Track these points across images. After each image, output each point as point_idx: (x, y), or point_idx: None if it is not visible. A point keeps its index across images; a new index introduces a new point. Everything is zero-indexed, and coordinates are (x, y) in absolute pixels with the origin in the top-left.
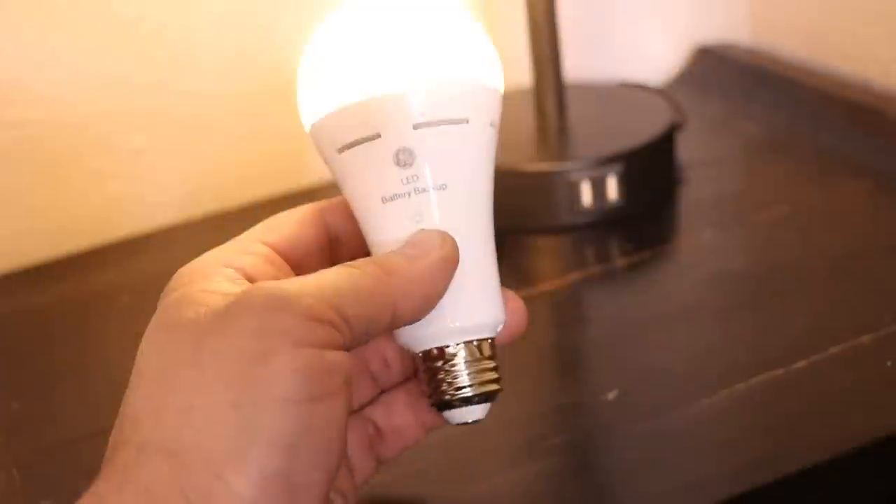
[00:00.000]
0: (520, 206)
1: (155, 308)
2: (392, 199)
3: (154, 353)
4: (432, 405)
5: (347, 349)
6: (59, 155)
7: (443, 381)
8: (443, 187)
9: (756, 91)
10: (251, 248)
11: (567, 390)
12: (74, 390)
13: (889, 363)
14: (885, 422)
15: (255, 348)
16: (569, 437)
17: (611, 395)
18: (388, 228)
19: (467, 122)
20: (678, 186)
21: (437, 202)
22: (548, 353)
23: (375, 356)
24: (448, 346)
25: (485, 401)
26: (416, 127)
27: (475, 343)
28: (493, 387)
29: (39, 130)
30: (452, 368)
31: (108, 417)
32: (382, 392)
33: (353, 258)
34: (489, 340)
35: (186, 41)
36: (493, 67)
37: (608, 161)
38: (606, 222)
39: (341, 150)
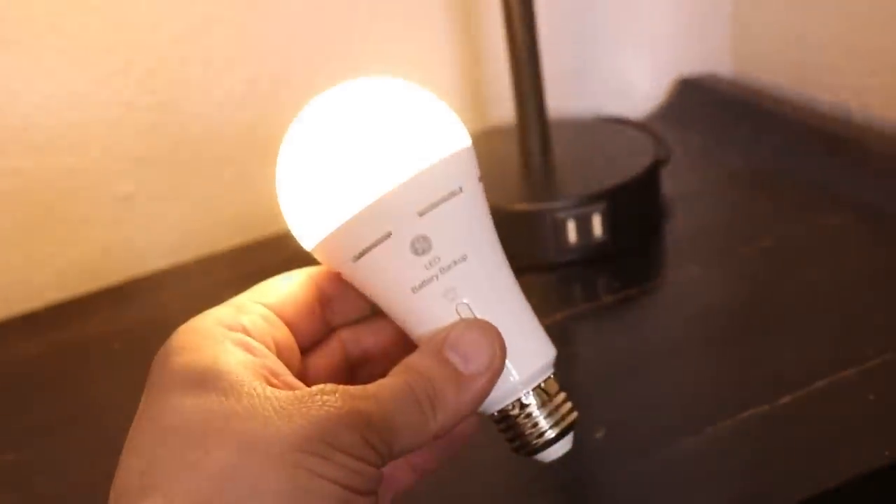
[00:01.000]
0: (505, 244)
1: (146, 354)
2: (421, 286)
3: (184, 413)
4: (522, 455)
5: (383, 465)
6: (48, 203)
7: (524, 432)
8: (464, 258)
9: (737, 123)
10: (248, 307)
11: None
12: (68, 440)
13: (872, 397)
14: (870, 456)
15: (318, 444)
16: (558, 478)
17: (599, 434)
18: (426, 315)
19: (461, 189)
20: (663, 221)
21: (464, 273)
22: None
23: None
24: (517, 400)
25: (568, 433)
26: (421, 214)
27: (540, 386)
28: (571, 418)
29: (29, 179)
30: (529, 418)
31: (102, 467)
32: None
33: (345, 321)
34: (551, 377)
35: (174, 87)
36: (460, 127)
37: (593, 199)
38: (592, 259)
39: (356, 258)
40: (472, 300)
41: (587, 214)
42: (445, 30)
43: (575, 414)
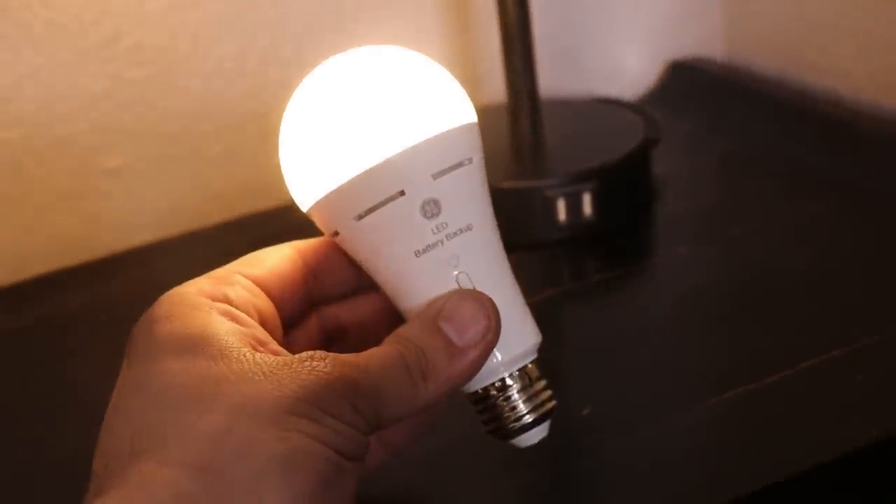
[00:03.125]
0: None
1: (133, 327)
2: (425, 250)
3: (173, 377)
4: (497, 438)
5: (370, 434)
6: (35, 175)
7: (501, 414)
8: (469, 228)
9: (729, 106)
10: (231, 279)
11: None
12: (54, 412)
13: (860, 377)
14: (857, 436)
15: (307, 407)
16: (545, 452)
17: (586, 411)
18: (425, 281)
19: (471, 161)
20: (653, 202)
21: (468, 242)
22: None
23: None
24: (498, 381)
25: (545, 420)
26: (435, 176)
27: (523, 369)
28: (550, 405)
29: (15, 151)
30: (508, 401)
31: (87, 440)
32: None
33: (330, 298)
34: (534, 363)
35: (163, 60)
36: (470, 103)
37: (583, 177)
38: (581, 238)
39: (361, 216)
40: (472, 271)
41: (577, 193)
42: (436, 6)
43: (554, 402)
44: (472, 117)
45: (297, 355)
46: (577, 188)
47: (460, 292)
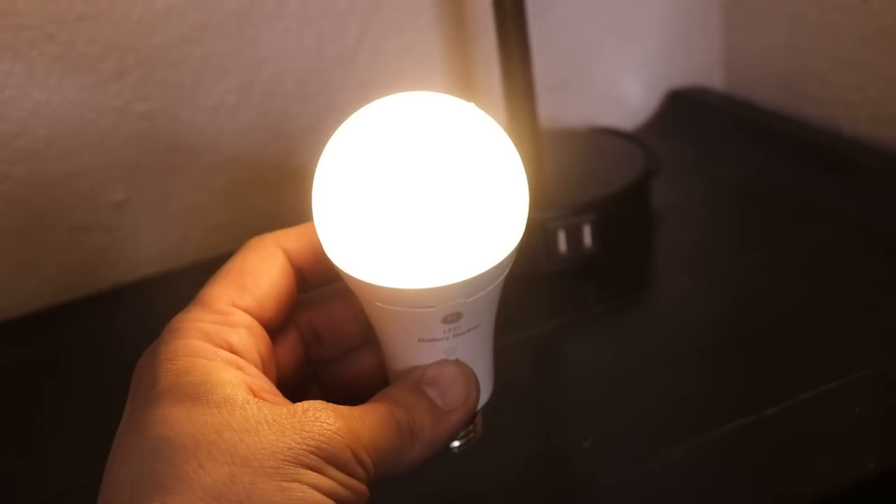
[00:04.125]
0: None
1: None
2: (431, 340)
3: (177, 424)
4: None
5: (369, 485)
6: (39, 209)
7: None
8: (477, 326)
9: (728, 135)
10: (233, 319)
11: (544, 438)
12: (58, 445)
13: (857, 409)
14: (855, 468)
15: (311, 458)
16: (547, 485)
17: (587, 444)
18: (419, 359)
19: (501, 277)
20: (653, 231)
21: (471, 338)
22: (525, 400)
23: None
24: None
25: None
26: (467, 296)
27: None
28: (471, 436)
29: (21, 185)
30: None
31: (91, 472)
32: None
33: (318, 286)
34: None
35: (166, 96)
36: (522, 222)
37: (583, 209)
38: (582, 269)
39: (386, 305)
40: (465, 357)
41: (578, 224)
42: (437, 39)
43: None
44: (517, 238)
45: (298, 404)
46: (578, 220)
47: (442, 361)
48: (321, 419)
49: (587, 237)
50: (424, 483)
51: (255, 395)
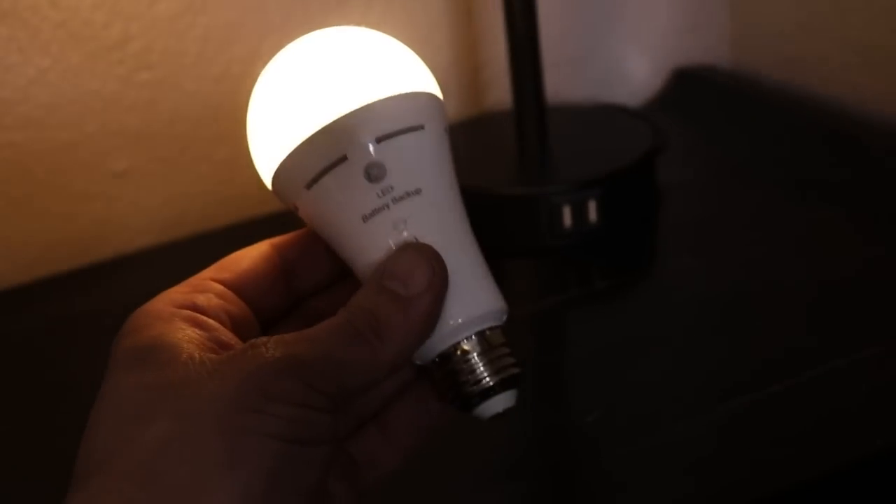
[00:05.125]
0: (500, 228)
1: None
2: (372, 214)
3: (129, 386)
4: (459, 408)
5: (335, 410)
6: (42, 177)
7: (461, 380)
8: (417, 192)
9: (734, 114)
10: (203, 286)
11: (548, 412)
12: (56, 415)
13: (863, 386)
14: (861, 444)
15: (253, 398)
16: (551, 459)
17: (591, 417)
18: (373, 246)
19: (423, 128)
20: (658, 209)
21: (416, 206)
22: (529, 375)
23: None
24: (457, 344)
25: (509, 387)
26: (379, 140)
27: (484, 333)
28: (514, 370)
29: (23, 153)
30: (468, 365)
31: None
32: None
33: (313, 287)
34: (497, 329)
35: (171, 64)
36: (430, 77)
37: (589, 184)
38: (587, 245)
39: (309, 185)
40: (420, 234)
41: (583, 200)
42: (443, 12)
43: (518, 369)
44: (426, 87)
45: (240, 347)
46: (583, 195)
47: (400, 248)
48: (260, 356)
49: (592, 212)
50: (424, 455)
51: (212, 350)
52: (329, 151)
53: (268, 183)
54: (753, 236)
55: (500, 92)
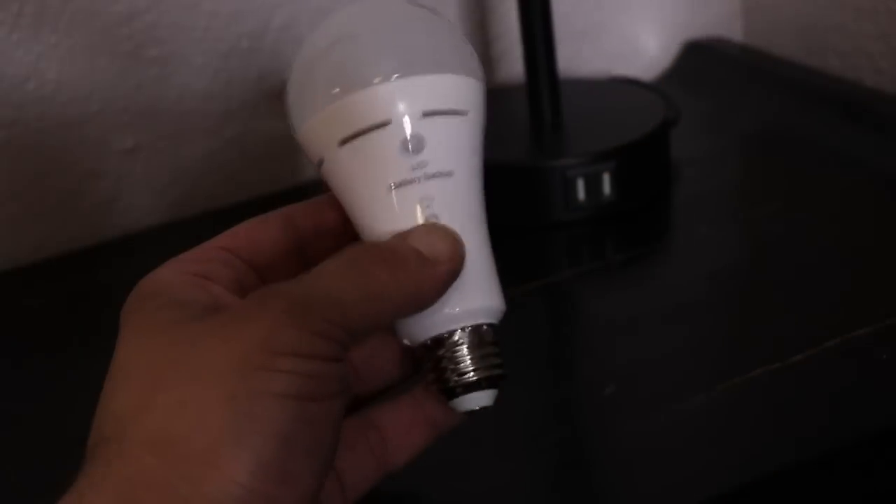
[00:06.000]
0: (514, 201)
1: None
2: (400, 185)
3: (138, 354)
4: (439, 392)
5: (343, 355)
6: (50, 155)
7: (447, 368)
8: (450, 174)
9: (747, 87)
10: (212, 254)
11: (564, 386)
12: (69, 393)
13: (885, 356)
14: (883, 415)
15: (259, 356)
16: (567, 432)
17: (608, 391)
18: (396, 215)
19: (467, 114)
20: (672, 182)
21: (446, 188)
22: (544, 348)
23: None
24: (451, 332)
25: (491, 386)
26: (425, 115)
27: (478, 328)
28: (498, 371)
29: (31, 130)
30: (455, 354)
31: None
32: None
33: (326, 255)
34: (492, 327)
35: (178, 39)
36: (481, 69)
37: (603, 157)
38: (601, 218)
39: (343, 142)
40: (443, 215)
41: (597, 173)
42: None
43: (503, 371)
44: (476, 75)
45: (242, 301)
46: (597, 168)
47: (426, 224)
48: (262, 307)
49: (606, 186)
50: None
51: (218, 310)
52: (373, 113)
53: (298, 130)
54: (769, 209)
55: (511, 65)
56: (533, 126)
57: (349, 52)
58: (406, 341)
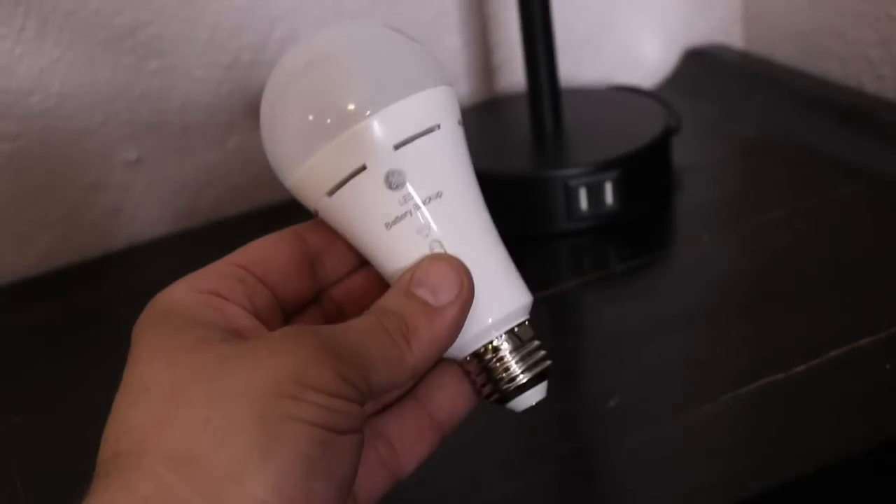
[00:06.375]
0: (517, 212)
1: None
2: (395, 222)
3: (158, 370)
4: (496, 403)
5: (364, 402)
6: (53, 168)
7: (495, 377)
8: (439, 195)
9: (748, 93)
10: (225, 271)
11: (568, 397)
12: (76, 403)
13: (888, 366)
14: (886, 425)
15: (289, 385)
16: (572, 445)
17: (612, 402)
18: (399, 252)
19: (440, 127)
20: (674, 190)
21: (439, 210)
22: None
23: None
24: (488, 344)
25: (541, 381)
26: (397, 147)
27: (513, 330)
28: (545, 364)
29: (35, 143)
30: (501, 362)
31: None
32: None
33: (336, 276)
34: (525, 323)
35: (180, 52)
36: (439, 68)
37: (605, 166)
38: (603, 228)
39: (330, 193)
40: (445, 238)
41: (599, 182)
42: None
43: (549, 362)
44: (441, 82)
45: (274, 332)
46: (600, 177)
47: (429, 257)
48: (296, 342)
49: (608, 195)
50: (449, 444)
51: (236, 333)
52: (348, 161)
53: (286, 184)
54: (771, 216)
55: (512, 74)
56: (534, 135)
57: (306, 105)
58: (451, 359)
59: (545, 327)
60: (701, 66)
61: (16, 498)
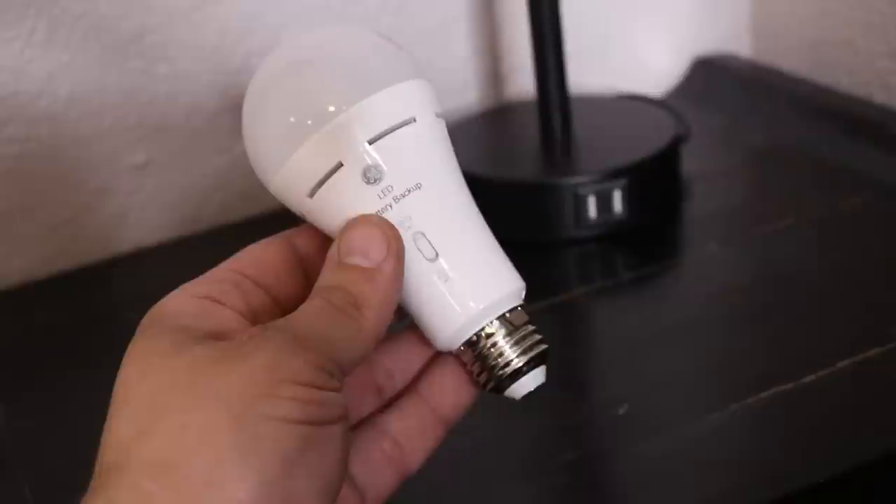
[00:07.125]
0: (525, 219)
1: None
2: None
3: (140, 380)
4: (494, 391)
5: (341, 386)
6: (62, 171)
7: (490, 364)
8: (417, 186)
9: (756, 103)
10: (221, 278)
11: (576, 406)
12: (84, 407)
13: None
14: (894, 436)
15: (263, 383)
16: (580, 452)
17: (621, 410)
18: None
19: (415, 120)
20: (682, 199)
21: (419, 201)
22: (555, 367)
23: (378, 369)
24: (480, 331)
25: (538, 365)
26: (371, 142)
27: (505, 316)
28: (541, 348)
29: (43, 147)
30: (494, 348)
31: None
32: (392, 401)
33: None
34: (517, 309)
35: (188, 57)
36: (412, 63)
37: (614, 174)
38: (612, 236)
39: (311, 193)
40: (426, 228)
41: (608, 190)
42: (463, 0)
43: (545, 346)
44: (410, 76)
45: (241, 335)
46: (608, 185)
47: (346, 225)
48: (265, 341)
49: (617, 203)
50: (452, 450)
51: (219, 337)
52: (324, 160)
53: (269, 189)
54: (779, 225)
55: (521, 81)
56: (543, 143)
57: (282, 102)
58: (444, 350)
59: (552, 335)
60: (710, 76)
61: (23, 503)
